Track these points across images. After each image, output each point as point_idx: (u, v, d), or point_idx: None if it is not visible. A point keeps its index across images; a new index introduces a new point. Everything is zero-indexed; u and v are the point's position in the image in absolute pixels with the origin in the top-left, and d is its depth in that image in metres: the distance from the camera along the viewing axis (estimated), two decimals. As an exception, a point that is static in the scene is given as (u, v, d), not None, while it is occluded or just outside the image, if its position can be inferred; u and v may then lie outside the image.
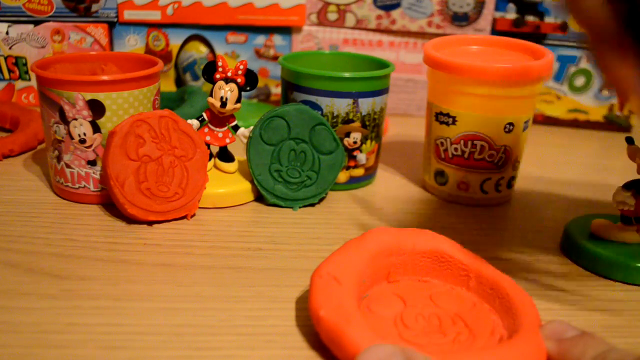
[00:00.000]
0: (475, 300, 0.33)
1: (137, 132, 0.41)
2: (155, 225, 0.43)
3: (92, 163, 0.44)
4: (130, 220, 0.43)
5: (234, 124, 0.48)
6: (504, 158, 0.48)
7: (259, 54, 0.71)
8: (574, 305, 0.36)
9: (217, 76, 0.45)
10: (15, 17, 0.66)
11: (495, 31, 0.71)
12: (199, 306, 0.34)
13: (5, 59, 0.67)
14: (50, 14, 0.66)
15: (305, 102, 0.48)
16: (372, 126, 0.49)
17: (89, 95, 0.42)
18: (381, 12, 0.70)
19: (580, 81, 0.71)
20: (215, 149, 0.49)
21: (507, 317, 0.31)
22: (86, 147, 0.44)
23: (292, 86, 0.49)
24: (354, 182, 0.51)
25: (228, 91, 0.45)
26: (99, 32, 0.67)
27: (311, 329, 0.32)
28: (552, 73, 0.71)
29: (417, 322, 0.31)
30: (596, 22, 0.24)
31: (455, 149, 0.48)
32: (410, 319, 0.31)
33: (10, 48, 0.66)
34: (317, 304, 0.30)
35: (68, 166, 0.44)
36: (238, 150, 0.50)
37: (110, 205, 0.44)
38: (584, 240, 0.41)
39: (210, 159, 0.48)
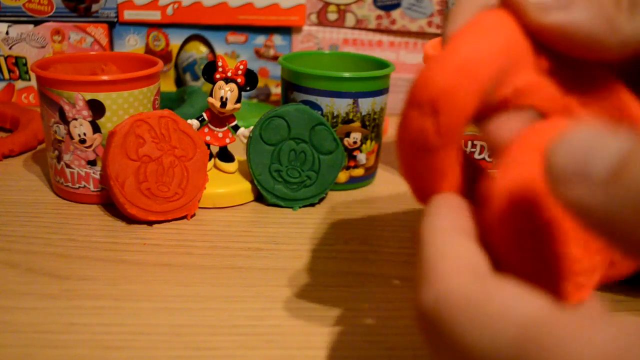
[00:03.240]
0: None
1: (137, 132, 0.41)
2: (155, 225, 0.43)
3: (92, 163, 0.44)
4: (130, 220, 0.43)
5: (234, 124, 0.48)
6: (504, 158, 0.48)
7: (259, 54, 0.71)
8: None
9: (217, 76, 0.45)
10: (15, 17, 0.66)
11: (495, 31, 0.71)
12: (199, 306, 0.34)
13: (5, 59, 0.67)
14: (50, 14, 0.66)
15: (305, 102, 0.48)
16: (372, 126, 0.49)
17: (89, 95, 0.42)
18: (381, 12, 0.70)
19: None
20: (215, 149, 0.49)
21: None
22: (86, 147, 0.44)
23: (292, 86, 0.49)
24: (354, 182, 0.51)
25: (228, 91, 0.45)
26: (99, 32, 0.67)
27: (311, 329, 0.32)
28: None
29: None
30: None
31: (455, 149, 0.48)
32: None
33: (10, 48, 0.66)
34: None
35: (68, 166, 0.44)
36: (238, 150, 0.50)
37: (110, 205, 0.44)
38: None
39: (210, 159, 0.48)
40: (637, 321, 0.15)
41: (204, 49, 0.71)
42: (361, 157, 0.50)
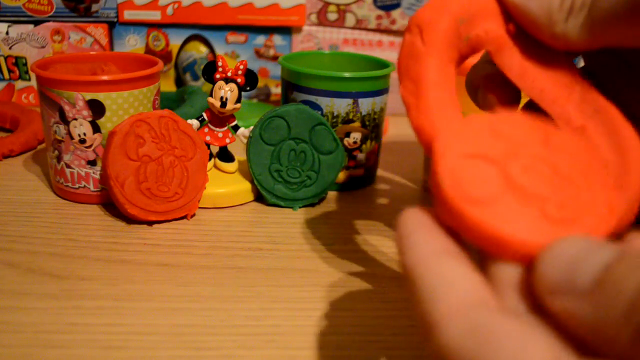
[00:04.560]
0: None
1: (137, 132, 0.41)
2: (155, 225, 0.43)
3: (92, 163, 0.44)
4: (130, 220, 0.43)
5: (234, 124, 0.48)
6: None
7: (259, 54, 0.71)
8: None
9: (217, 76, 0.45)
10: (15, 17, 0.66)
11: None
12: (199, 306, 0.34)
13: (5, 59, 0.67)
14: (50, 14, 0.66)
15: (305, 102, 0.48)
16: (372, 126, 0.49)
17: (89, 95, 0.42)
18: (381, 12, 0.70)
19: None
20: (215, 149, 0.49)
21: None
22: (86, 147, 0.44)
23: (292, 86, 0.49)
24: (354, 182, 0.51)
25: (228, 91, 0.45)
26: (99, 32, 0.67)
27: (311, 329, 0.32)
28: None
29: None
30: None
31: (455, 149, 0.48)
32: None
33: (10, 48, 0.66)
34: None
35: (68, 166, 0.44)
36: (238, 150, 0.50)
37: (110, 205, 0.44)
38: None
39: (210, 159, 0.48)
40: None
41: (204, 49, 0.71)
42: (361, 157, 0.50)
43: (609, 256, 0.16)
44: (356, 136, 0.49)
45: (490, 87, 0.28)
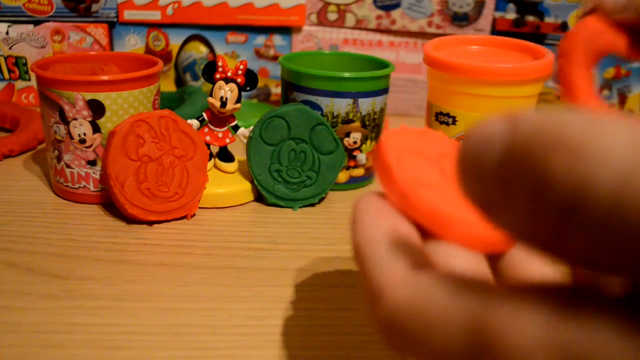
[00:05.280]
0: None
1: (137, 132, 0.41)
2: (155, 225, 0.43)
3: (92, 163, 0.44)
4: (130, 220, 0.43)
5: (234, 124, 0.48)
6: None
7: (259, 54, 0.71)
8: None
9: (217, 76, 0.45)
10: (15, 17, 0.66)
11: (495, 31, 0.71)
12: (199, 306, 0.34)
13: (5, 59, 0.67)
14: (50, 14, 0.66)
15: (305, 102, 0.48)
16: (372, 126, 0.49)
17: (89, 95, 0.42)
18: (381, 12, 0.70)
19: (580, 81, 0.71)
20: (215, 149, 0.49)
21: None
22: (86, 147, 0.44)
23: (292, 86, 0.49)
24: (354, 182, 0.51)
25: (228, 91, 0.45)
26: (99, 32, 0.67)
27: (311, 329, 0.32)
28: (552, 73, 0.71)
29: None
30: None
31: (455, 149, 0.48)
32: None
33: (10, 48, 0.66)
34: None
35: (68, 166, 0.44)
36: (238, 150, 0.50)
37: (110, 205, 0.44)
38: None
39: (210, 159, 0.48)
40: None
41: (204, 49, 0.71)
42: (361, 157, 0.50)
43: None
44: (356, 136, 0.49)
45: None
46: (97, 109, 0.43)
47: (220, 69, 0.45)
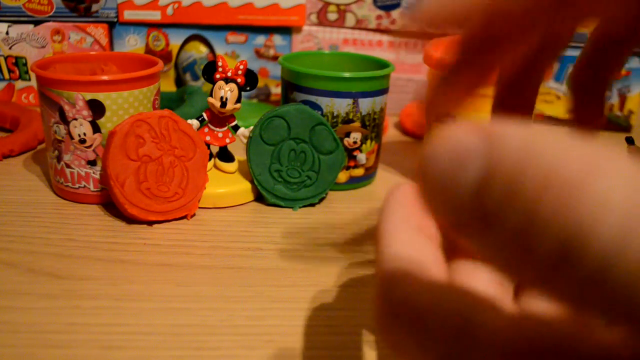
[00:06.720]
0: None
1: (137, 132, 0.41)
2: (155, 225, 0.43)
3: (92, 163, 0.44)
4: (130, 220, 0.43)
5: (234, 124, 0.48)
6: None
7: (259, 54, 0.71)
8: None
9: (217, 76, 0.45)
10: (15, 17, 0.66)
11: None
12: (199, 306, 0.34)
13: (5, 59, 0.67)
14: (50, 14, 0.66)
15: (305, 102, 0.48)
16: (372, 126, 0.49)
17: (89, 95, 0.42)
18: (381, 12, 0.70)
19: (580, 81, 0.71)
20: (215, 149, 0.49)
21: None
22: (86, 147, 0.44)
23: (292, 86, 0.49)
24: (354, 182, 0.51)
25: (228, 91, 0.45)
26: (99, 32, 0.67)
27: (311, 329, 0.32)
28: (552, 73, 0.71)
29: None
30: None
31: (455, 149, 0.48)
32: None
33: (10, 48, 0.66)
34: None
35: (68, 166, 0.44)
36: (238, 150, 0.50)
37: (110, 205, 0.44)
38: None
39: (210, 159, 0.48)
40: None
41: (204, 49, 0.71)
42: (361, 157, 0.50)
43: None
44: (356, 136, 0.49)
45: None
46: (97, 109, 0.43)
47: (220, 69, 0.45)
